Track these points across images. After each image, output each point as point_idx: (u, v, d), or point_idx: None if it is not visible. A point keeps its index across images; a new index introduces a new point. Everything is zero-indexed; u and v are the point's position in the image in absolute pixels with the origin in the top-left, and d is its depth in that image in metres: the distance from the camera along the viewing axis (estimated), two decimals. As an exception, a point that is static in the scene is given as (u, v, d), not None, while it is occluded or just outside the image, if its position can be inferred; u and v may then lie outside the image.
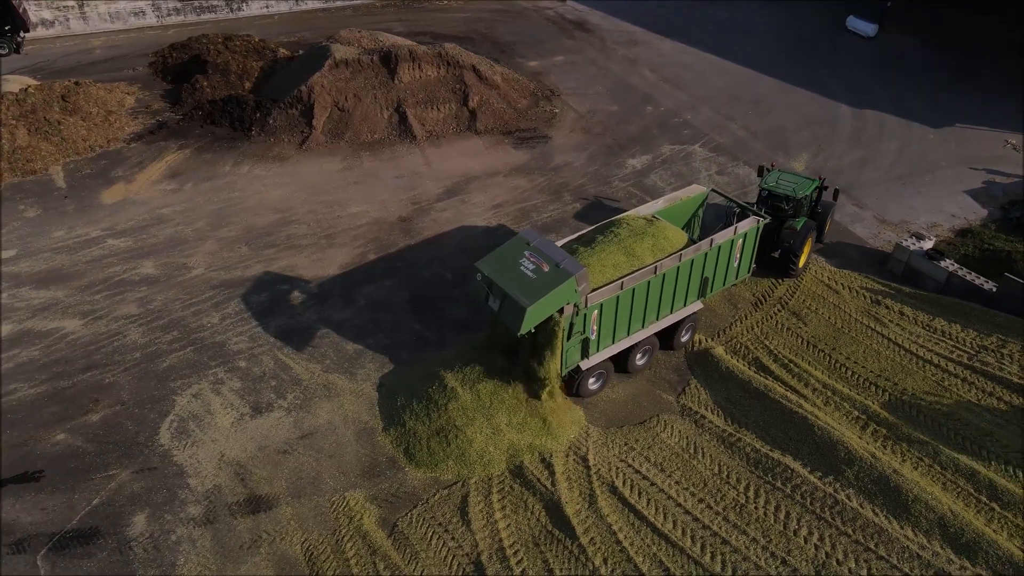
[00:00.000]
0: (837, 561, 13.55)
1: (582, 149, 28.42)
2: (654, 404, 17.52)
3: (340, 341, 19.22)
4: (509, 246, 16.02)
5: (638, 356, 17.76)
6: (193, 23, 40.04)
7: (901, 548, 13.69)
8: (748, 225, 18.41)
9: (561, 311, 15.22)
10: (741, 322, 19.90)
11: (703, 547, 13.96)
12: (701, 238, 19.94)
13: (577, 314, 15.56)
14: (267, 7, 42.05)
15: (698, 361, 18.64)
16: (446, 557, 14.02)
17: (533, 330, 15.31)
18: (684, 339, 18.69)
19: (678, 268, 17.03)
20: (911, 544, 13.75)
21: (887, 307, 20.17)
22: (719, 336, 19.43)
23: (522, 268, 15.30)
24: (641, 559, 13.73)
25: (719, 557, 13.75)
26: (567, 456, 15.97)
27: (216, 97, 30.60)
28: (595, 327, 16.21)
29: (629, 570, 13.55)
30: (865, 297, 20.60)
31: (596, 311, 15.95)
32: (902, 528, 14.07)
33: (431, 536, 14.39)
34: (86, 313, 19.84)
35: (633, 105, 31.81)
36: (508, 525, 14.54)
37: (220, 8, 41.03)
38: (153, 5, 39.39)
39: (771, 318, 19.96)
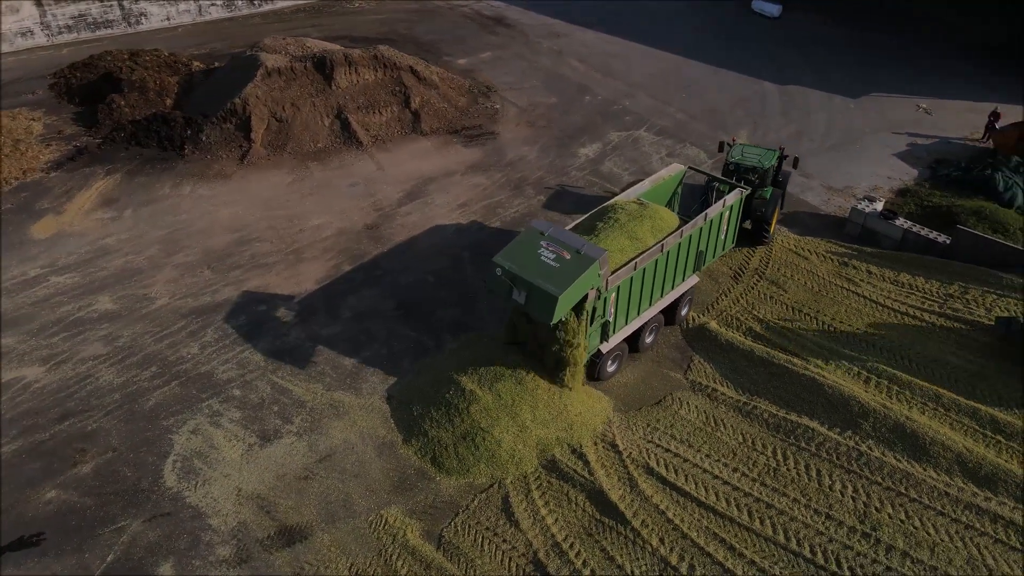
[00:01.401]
0: (876, 509, 14.22)
1: (532, 142, 28.48)
2: (664, 383, 17.80)
3: (335, 357, 18.47)
4: (523, 238, 15.89)
5: (647, 334, 18.06)
6: (89, 40, 37.37)
7: (930, 488, 14.52)
8: (734, 197, 19.03)
9: (586, 297, 15.25)
10: (726, 295, 20.52)
11: (750, 514, 14.32)
12: (681, 213, 20.43)
13: (599, 298, 15.64)
14: (168, 19, 39.76)
15: (696, 337, 19.08)
16: (502, 560, 13.74)
17: (565, 318, 15.26)
18: (683, 312, 19.18)
19: (679, 244, 17.40)
20: (937, 483, 14.61)
21: (855, 267, 21.31)
22: (709, 311, 19.96)
23: (543, 258, 15.22)
24: (696, 534, 13.94)
25: (768, 521, 14.14)
26: (596, 444, 15.98)
27: (138, 116, 28.73)
28: (612, 309, 16.35)
29: (687, 546, 13.73)
30: (833, 260, 21.69)
31: (614, 294, 16.08)
32: (925, 470, 14.93)
33: (482, 541, 14.07)
34: (46, 358, 18.18)
35: (571, 96, 32.15)
36: (556, 520, 14.42)
37: (117, 23, 38.46)
38: (42, 24, 36.45)
39: (753, 288, 20.68)
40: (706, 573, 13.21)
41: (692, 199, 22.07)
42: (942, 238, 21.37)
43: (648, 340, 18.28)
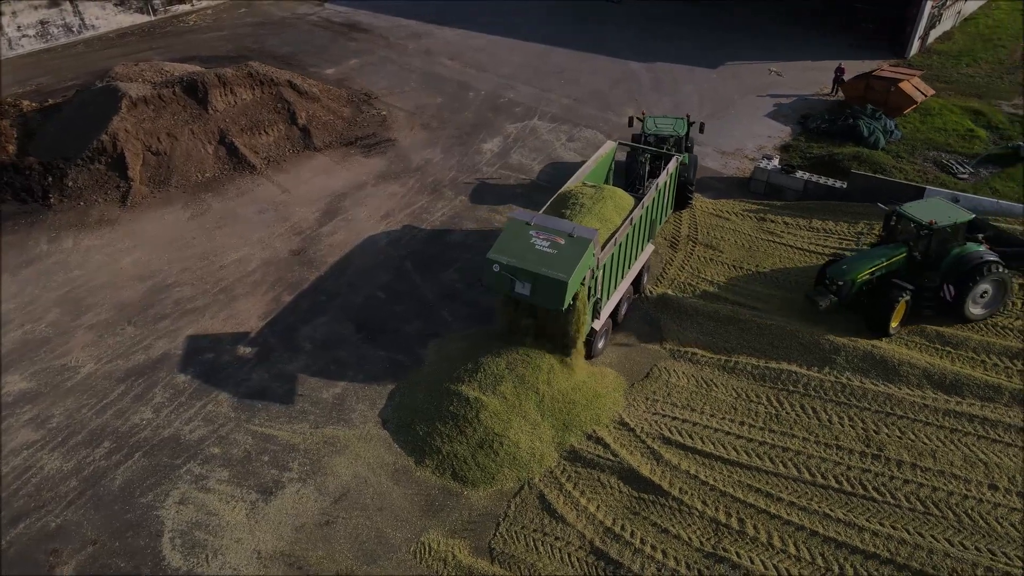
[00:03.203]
0: (874, 431, 15.57)
1: (432, 145, 28.04)
2: (646, 356, 18.33)
3: (311, 392, 17.31)
4: (510, 232, 15.82)
5: (623, 306, 18.60)
6: None
7: (910, 404, 16.10)
8: (674, 165, 20.03)
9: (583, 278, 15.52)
10: (671, 264, 21.43)
11: (772, 460, 15.17)
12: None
13: (592, 277, 15.91)
14: (-28, 58, 34.89)
15: (659, 308, 19.79)
16: (562, 557, 13.62)
17: (572, 301, 15.39)
18: (644, 280, 19.90)
19: (641, 216, 18.07)
20: (914, 398, 16.23)
21: (772, 221, 23.03)
22: (661, 281, 20.75)
23: (538, 247, 15.27)
24: (733, 489, 14.56)
25: (789, 463, 15.05)
26: (608, 427, 16.19)
27: (-20, 170, 25.07)
28: (600, 286, 16.69)
29: (729, 502, 14.30)
30: (752, 217, 23.29)
31: (600, 272, 16.41)
32: (900, 389, 16.53)
33: (535, 544, 13.86)
34: (-33, 458, 15.58)
35: (454, 94, 31.95)
36: (598, 507, 14.49)
37: (-91, 67, 33.21)
38: None
39: (692, 254, 21.75)
40: (756, 523, 13.85)
41: (618, 174, 22.74)
42: (839, 184, 23.60)
43: (623, 311, 18.83)
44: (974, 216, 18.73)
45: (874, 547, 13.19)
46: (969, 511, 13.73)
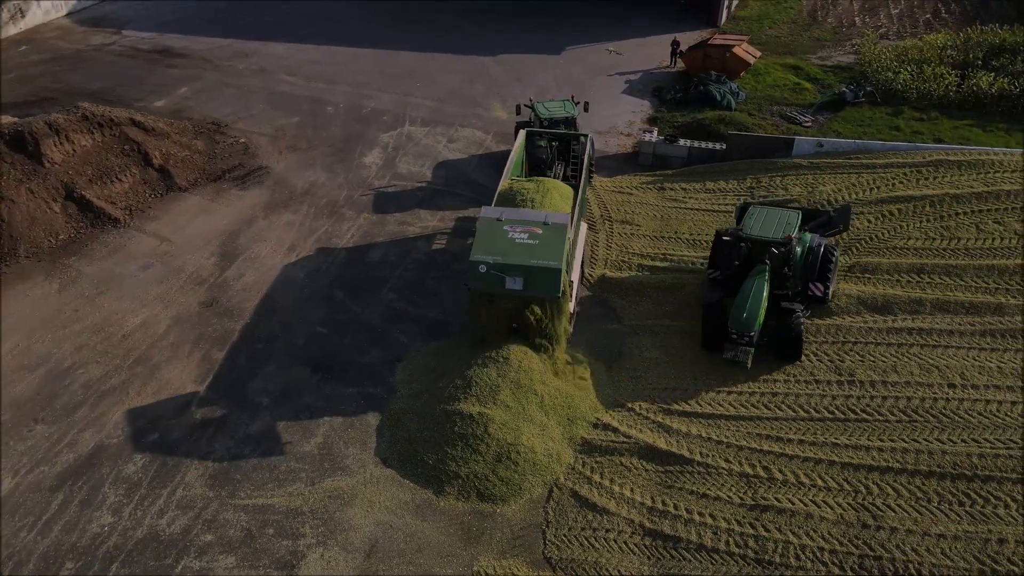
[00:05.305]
0: (840, 360, 17.04)
1: (310, 166, 26.42)
2: (611, 337, 18.69)
3: (292, 447, 15.84)
4: (485, 230, 15.93)
5: (578, 286, 19.00)
6: None
7: (857, 329, 17.84)
8: (590, 144, 20.78)
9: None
10: (596, 245, 21.94)
11: (767, 406, 16.18)
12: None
13: (568, 261, 16.14)
14: None
15: (604, 289, 20.23)
16: (620, 547, 13.65)
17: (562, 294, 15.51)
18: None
19: (582, 197, 18.59)
20: (858, 323, 17.95)
21: (671, 189, 24.32)
22: (595, 263, 21.20)
23: (517, 241, 15.48)
24: (747, 441, 15.35)
25: (784, 406, 16.12)
26: (608, 411, 16.38)
27: None
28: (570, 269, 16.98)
29: (749, 454, 15.06)
30: (651, 189, 24.44)
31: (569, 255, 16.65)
32: (844, 318, 18.20)
33: (589, 542, 13.77)
34: None
35: (310, 111, 30.25)
36: (632, 489, 14.67)
37: None
38: None
39: (613, 232, 22.42)
40: (780, 467, 14.73)
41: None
42: (718, 146, 25.41)
43: (579, 291, 19.24)
44: (801, 211, 18.75)
45: (885, 462, 14.55)
46: (943, 411, 15.54)
